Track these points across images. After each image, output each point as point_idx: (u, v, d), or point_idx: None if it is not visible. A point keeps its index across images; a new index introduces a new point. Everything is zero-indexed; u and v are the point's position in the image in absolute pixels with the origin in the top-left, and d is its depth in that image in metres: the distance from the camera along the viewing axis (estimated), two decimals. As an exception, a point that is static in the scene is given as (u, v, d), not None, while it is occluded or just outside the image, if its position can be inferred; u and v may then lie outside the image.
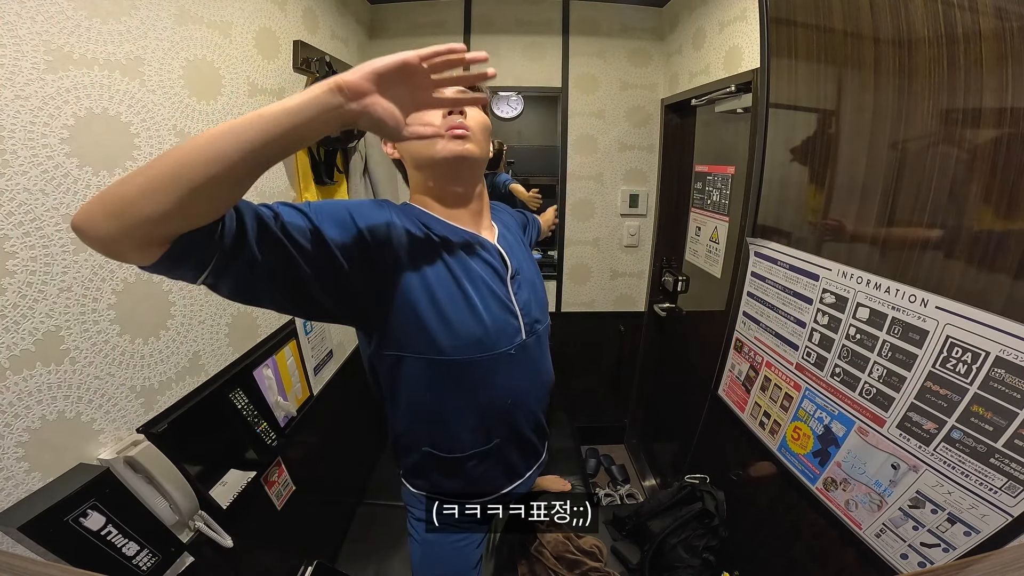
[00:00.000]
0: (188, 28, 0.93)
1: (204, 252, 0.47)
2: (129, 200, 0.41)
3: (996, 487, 0.72)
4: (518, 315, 0.76)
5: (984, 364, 0.72)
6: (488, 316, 0.71)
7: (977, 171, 0.74)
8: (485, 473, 0.84)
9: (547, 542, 1.56)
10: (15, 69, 0.62)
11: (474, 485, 0.85)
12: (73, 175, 0.70)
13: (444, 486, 0.85)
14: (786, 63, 1.19)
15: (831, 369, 1.04)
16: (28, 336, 0.64)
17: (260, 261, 0.51)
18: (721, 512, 1.43)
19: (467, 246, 0.73)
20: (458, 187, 0.74)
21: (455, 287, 0.69)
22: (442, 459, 0.80)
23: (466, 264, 0.71)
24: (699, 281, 1.89)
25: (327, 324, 1.58)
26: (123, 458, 0.76)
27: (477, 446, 0.80)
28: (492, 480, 0.87)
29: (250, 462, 1.13)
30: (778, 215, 1.26)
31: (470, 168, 0.72)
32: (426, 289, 0.66)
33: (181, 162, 0.42)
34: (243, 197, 0.49)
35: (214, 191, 0.44)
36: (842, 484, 1.00)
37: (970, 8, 0.73)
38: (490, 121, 0.75)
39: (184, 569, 0.86)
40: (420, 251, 0.67)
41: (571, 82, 2.01)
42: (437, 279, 0.68)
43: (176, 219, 0.43)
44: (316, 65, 1.37)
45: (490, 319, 0.71)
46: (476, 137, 0.70)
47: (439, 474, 0.83)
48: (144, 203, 0.41)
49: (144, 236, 0.43)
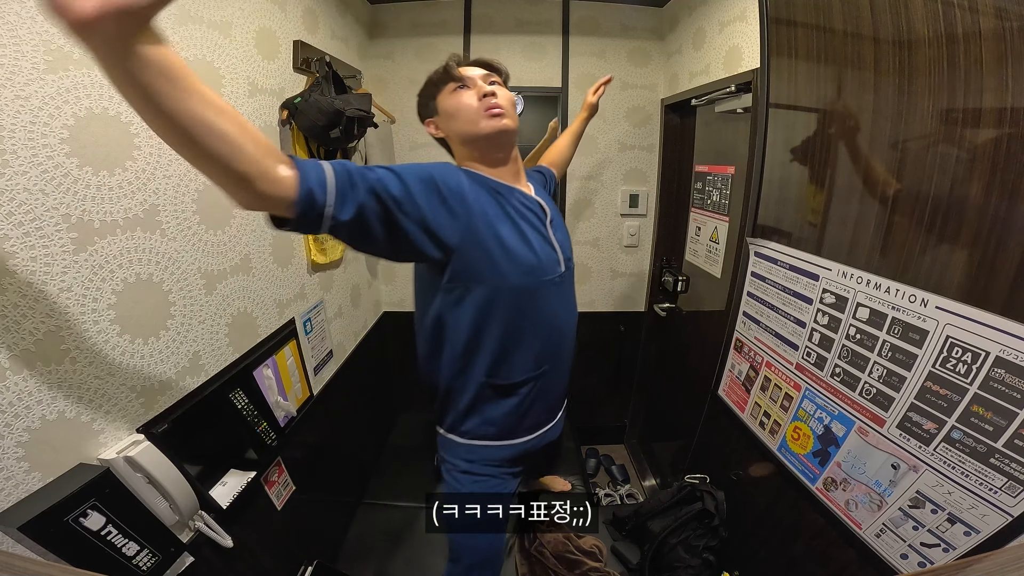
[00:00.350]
0: (188, 28, 0.93)
1: (317, 228, 0.61)
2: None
3: (996, 487, 0.72)
4: (557, 251, 0.92)
5: (984, 364, 0.73)
6: (538, 248, 0.87)
7: (977, 171, 0.74)
8: (532, 404, 0.95)
9: (547, 542, 1.56)
10: (15, 69, 0.62)
11: (522, 419, 0.96)
12: (73, 175, 0.70)
13: (495, 420, 0.94)
14: (786, 63, 1.19)
15: (831, 369, 1.04)
16: (28, 336, 0.64)
17: (365, 226, 0.65)
18: (721, 512, 1.43)
19: (514, 196, 0.88)
20: (500, 153, 0.89)
21: (512, 226, 0.84)
22: (499, 387, 0.91)
23: (517, 208, 0.87)
24: (699, 281, 1.89)
25: (327, 324, 1.59)
26: (123, 458, 0.76)
27: (529, 371, 0.92)
28: (536, 414, 0.98)
29: (250, 462, 1.13)
30: (778, 215, 1.26)
31: (508, 137, 0.88)
32: (491, 228, 0.81)
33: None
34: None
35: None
36: (842, 484, 1.00)
37: (970, 8, 0.73)
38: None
39: (184, 569, 0.86)
40: (484, 200, 0.82)
41: (571, 82, 2.01)
42: (498, 220, 0.83)
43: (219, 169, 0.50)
44: (316, 65, 1.37)
45: (540, 250, 0.87)
46: (509, 112, 0.86)
47: (492, 407, 0.93)
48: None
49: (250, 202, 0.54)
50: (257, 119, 1.17)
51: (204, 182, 0.98)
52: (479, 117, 0.84)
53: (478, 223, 0.79)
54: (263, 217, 0.59)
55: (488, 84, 0.88)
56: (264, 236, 1.21)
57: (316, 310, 1.51)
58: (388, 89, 1.99)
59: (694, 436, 1.68)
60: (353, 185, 0.63)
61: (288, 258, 1.33)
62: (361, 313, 1.99)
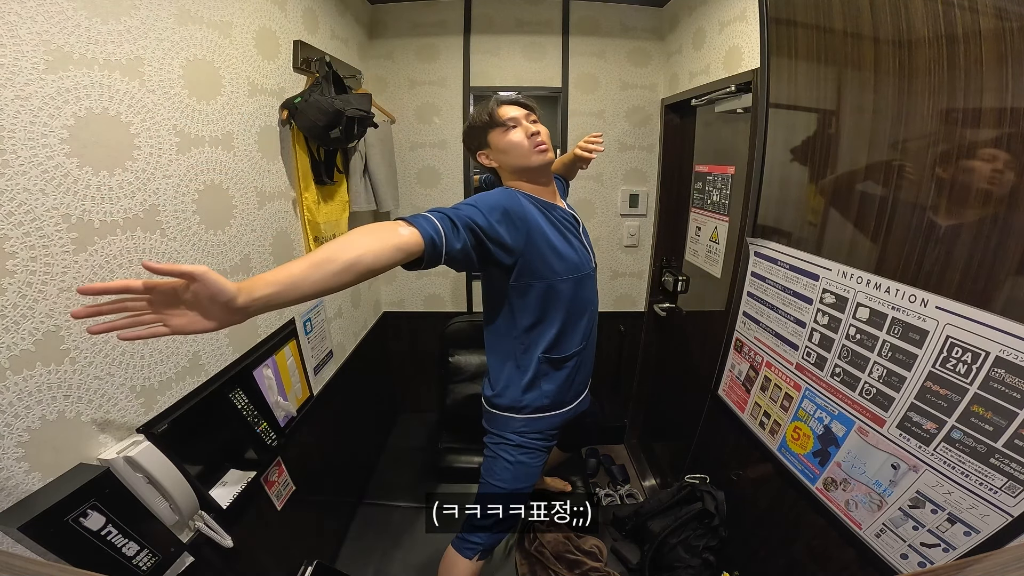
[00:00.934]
0: (188, 28, 0.93)
1: (437, 263, 0.83)
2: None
3: (996, 487, 0.72)
4: (589, 251, 1.19)
5: (984, 364, 0.73)
6: (577, 249, 1.12)
7: (977, 171, 0.74)
8: (576, 375, 1.19)
9: (547, 542, 1.56)
10: (15, 69, 0.62)
11: (568, 389, 1.19)
12: (73, 175, 0.70)
13: (550, 393, 1.16)
14: (786, 63, 1.19)
15: (831, 369, 1.04)
16: (28, 336, 0.64)
17: (467, 252, 0.88)
18: (721, 512, 1.43)
19: (555, 211, 1.11)
20: (543, 178, 1.12)
21: (558, 233, 1.08)
22: (553, 360, 1.14)
23: (560, 220, 1.11)
24: (699, 281, 1.89)
25: (327, 324, 1.59)
26: (123, 458, 0.76)
27: (576, 346, 1.15)
28: (578, 384, 1.22)
29: (250, 462, 1.13)
30: (778, 215, 1.26)
31: (549, 165, 1.11)
32: (544, 236, 1.03)
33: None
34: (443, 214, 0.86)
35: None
36: (842, 484, 1.00)
37: (970, 8, 0.73)
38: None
39: (184, 569, 0.86)
40: (536, 215, 1.04)
41: (571, 82, 2.01)
42: (550, 229, 1.06)
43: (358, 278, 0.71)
44: (316, 65, 1.37)
45: (578, 251, 1.12)
46: (550, 146, 1.09)
47: (547, 380, 1.15)
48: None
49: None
50: (257, 119, 1.17)
51: (204, 182, 0.98)
52: (530, 153, 1.06)
53: (535, 234, 1.01)
54: (398, 268, 0.79)
55: (530, 123, 1.08)
56: (264, 236, 1.21)
57: (316, 310, 1.51)
58: (388, 89, 1.99)
59: (694, 436, 1.68)
60: (455, 226, 0.85)
61: (288, 258, 1.33)
62: (361, 313, 1.99)
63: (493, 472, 1.19)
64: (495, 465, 1.19)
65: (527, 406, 1.16)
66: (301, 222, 1.40)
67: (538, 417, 1.17)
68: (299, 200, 1.37)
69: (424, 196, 2.12)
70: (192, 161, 0.95)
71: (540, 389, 1.16)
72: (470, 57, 1.97)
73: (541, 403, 1.16)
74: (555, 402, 1.17)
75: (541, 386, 1.15)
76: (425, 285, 2.28)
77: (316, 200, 1.42)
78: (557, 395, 1.17)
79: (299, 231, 1.39)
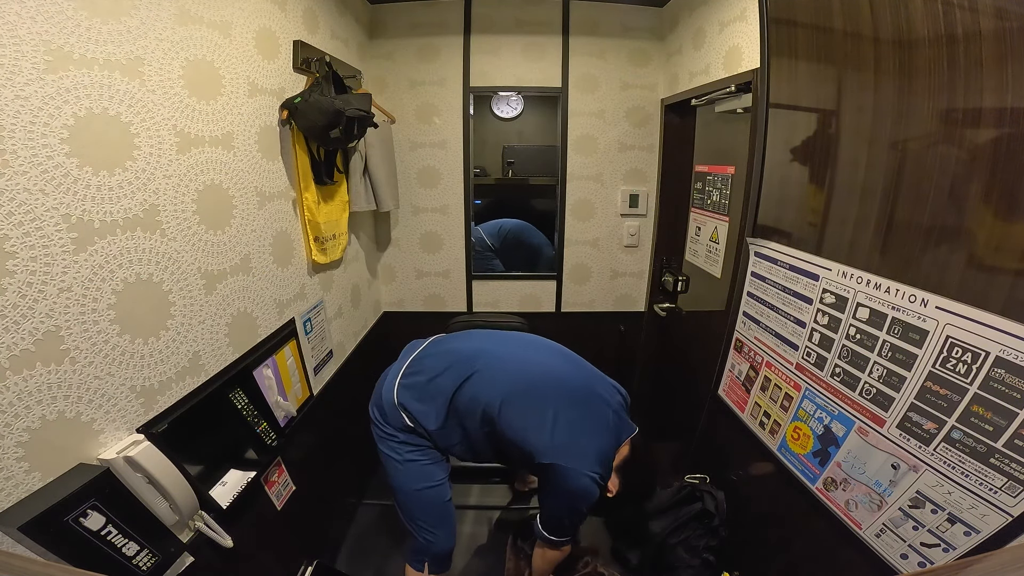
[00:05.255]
0: (188, 28, 0.93)
1: None
2: None
3: (996, 487, 0.72)
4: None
5: (984, 364, 0.72)
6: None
7: (977, 171, 0.74)
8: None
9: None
10: (15, 69, 0.62)
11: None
12: (73, 175, 0.70)
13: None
14: (786, 63, 1.19)
15: (831, 369, 1.04)
16: (28, 336, 0.64)
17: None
18: (721, 512, 1.43)
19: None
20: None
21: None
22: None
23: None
24: (699, 281, 1.89)
25: (327, 324, 1.59)
26: (123, 458, 0.76)
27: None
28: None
29: (250, 462, 1.13)
30: (778, 215, 1.26)
31: None
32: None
33: None
34: None
35: None
36: (842, 484, 1.00)
37: (970, 8, 0.73)
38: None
39: (184, 569, 0.87)
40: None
41: (571, 82, 2.01)
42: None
43: None
44: (316, 65, 1.37)
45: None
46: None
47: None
48: None
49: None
50: (257, 119, 1.17)
51: (204, 182, 0.98)
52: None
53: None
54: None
55: None
56: (264, 236, 1.21)
57: (316, 310, 1.51)
58: (388, 89, 1.99)
59: (694, 436, 1.68)
60: None
61: (288, 258, 1.33)
62: (361, 313, 1.99)
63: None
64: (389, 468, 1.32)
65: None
66: (301, 222, 1.40)
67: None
68: (299, 200, 1.37)
69: (424, 196, 2.12)
70: (192, 161, 0.95)
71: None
72: (470, 57, 1.97)
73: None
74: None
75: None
76: (425, 285, 2.28)
77: (316, 200, 1.42)
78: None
79: (299, 231, 1.39)
